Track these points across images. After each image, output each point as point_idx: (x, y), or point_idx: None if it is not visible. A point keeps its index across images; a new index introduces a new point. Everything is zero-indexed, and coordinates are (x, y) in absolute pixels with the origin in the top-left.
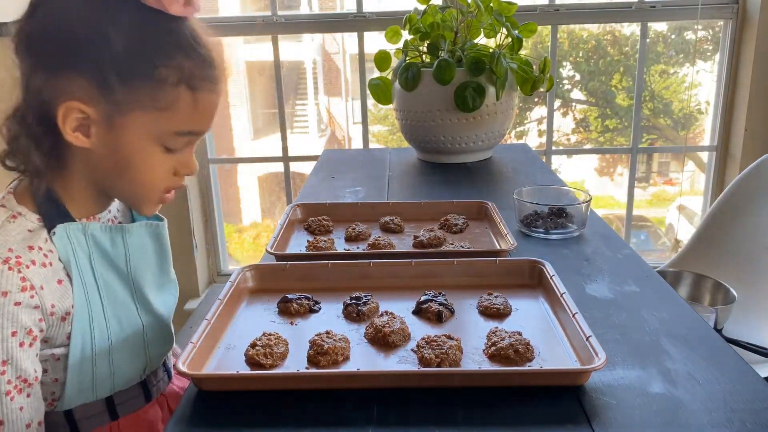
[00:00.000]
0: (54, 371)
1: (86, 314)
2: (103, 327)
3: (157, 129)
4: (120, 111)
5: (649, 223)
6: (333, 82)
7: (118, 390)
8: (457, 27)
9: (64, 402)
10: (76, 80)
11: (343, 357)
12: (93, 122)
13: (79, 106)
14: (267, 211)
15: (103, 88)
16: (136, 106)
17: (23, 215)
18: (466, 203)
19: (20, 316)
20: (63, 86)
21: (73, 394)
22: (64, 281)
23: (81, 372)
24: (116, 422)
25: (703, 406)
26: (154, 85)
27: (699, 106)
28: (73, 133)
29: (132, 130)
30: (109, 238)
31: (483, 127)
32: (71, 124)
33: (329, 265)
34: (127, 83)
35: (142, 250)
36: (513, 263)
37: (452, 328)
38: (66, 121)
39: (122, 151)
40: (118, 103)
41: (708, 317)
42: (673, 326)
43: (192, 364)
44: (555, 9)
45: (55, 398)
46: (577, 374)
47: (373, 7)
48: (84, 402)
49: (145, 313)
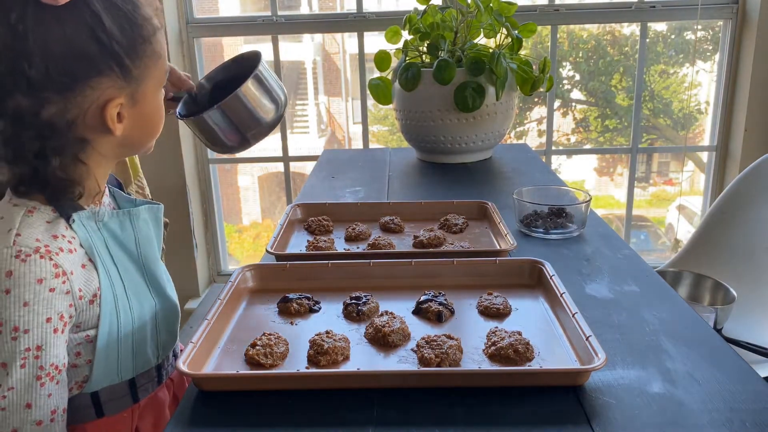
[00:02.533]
0: (86, 353)
1: (111, 296)
2: (126, 308)
3: (160, 76)
4: (139, 83)
5: (649, 223)
6: (333, 82)
7: (139, 372)
8: (457, 27)
9: (91, 384)
10: (104, 81)
11: (343, 357)
12: (124, 107)
13: (117, 102)
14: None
15: (124, 73)
16: (147, 71)
17: (38, 209)
18: (466, 203)
19: (54, 302)
20: (92, 95)
21: (100, 375)
22: (87, 266)
23: (108, 353)
24: (137, 405)
25: (703, 406)
26: (148, 43)
27: (699, 106)
28: (118, 126)
29: (149, 93)
30: (118, 222)
31: (483, 127)
32: (115, 119)
33: (329, 265)
34: (135, 57)
35: (147, 232)
36: (513, 263)
37: (452, 328)
38: (114, 119)
39: (147, 113)
40: (136, 79)
41: (708, 317)
42: (673, 326)
43: (192, 364)
44: (555, 9)
45: (85, 380)
46: (577, 374)
47: (373, 7)
48: (109, 384)
49: (156, 293)
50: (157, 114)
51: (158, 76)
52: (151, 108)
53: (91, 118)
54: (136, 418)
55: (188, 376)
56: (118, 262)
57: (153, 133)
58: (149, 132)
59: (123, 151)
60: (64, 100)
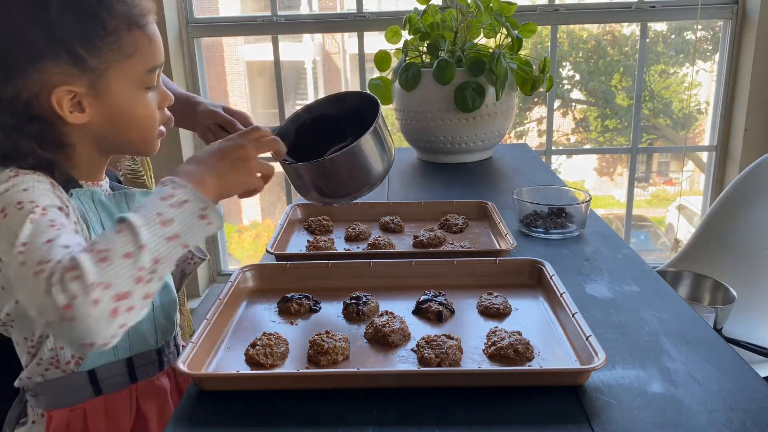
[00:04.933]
0: None
1: None
2: None
3: (134, 74)
4: (99, 75)
5: (649, 223)
6: (333, 82)
7: (137, 352)
8: (457, 27)
9: (87, 360)
10: (49, 68)
11: (343, 357)
12: (82, 96)
13: (66, 88)
14: (267, 211)
15: (75, 61)
16: (109, 64)
17: (38, 177)
18: (466, 203)
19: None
20: (41, 79)
21: (95, 352)
22: (79, 234)
23: None
24: (135, 385)
25: (703, 406)
26: (113, 38)
27: (699, 106)
28: (71, 114)
29: (117, 87)
30: (115, 203)
31: (483, 127)
32: (67, 107)
33: (329, 265)
34: (91, 48)
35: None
36: (513, 263)
37: (452, 328)
38: (62, 106)
39: (117, 109)
40: (93, 70)
41: (708, 317)
42: (673, 326)
43: (192, 364)
44: (555, 9)
45: (81, 355)
46: (577, 374)
47: (373, 7)
48: (105, 362)
49: None
50: (132, 112)
51: (129, 74)
52: (123, 104)
53: (44, 101)
54: (134, 398)
55: (188, 376)
56: None
57: (130, 130)
58: (125, 129)
59: (105, 144)
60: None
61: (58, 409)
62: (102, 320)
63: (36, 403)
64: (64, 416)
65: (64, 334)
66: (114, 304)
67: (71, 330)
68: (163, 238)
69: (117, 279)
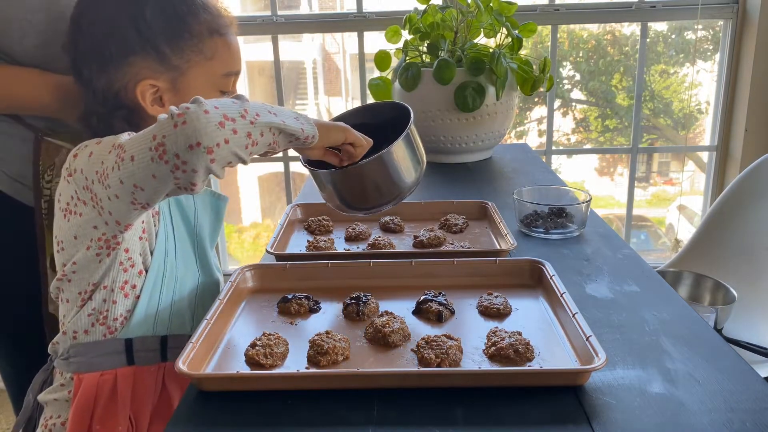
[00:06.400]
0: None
1: (164, 247)
2: (173, 263)
3: (212, 77)
4: (180, 73)
5: (649, 223)
6: (333, 82)
7: (172, 333)
8: (457, 27)
9: (128, 328)
10: (138, 62)
11: (343, 357)
12: (164, 92)
13: (150, 82)
14: (267, 211)
15: (161, 59)
16: (190, 64)
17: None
18: (466, 203)
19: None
20: (131, 72)
21: (139, 318)
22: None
23: (150, 299)
24: (164, 364)
25: (703, 406)
26: (196, 41)
27: (699, 106)
28: (152, 107)
29: (194, 86)
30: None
31: (483, 127)
32: (149, 100)
33: (329, 265)
34: (176, 48)
35: (204, 211)
36: (513, 263)
37: (452, 328)
38: (145, 98)
39: None
40: (176, 68)
41: (708, 317)
42: (673, 326)
43: (192, 364)
44: (555, 9)
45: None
46: (577, 374)
47: (373, 7)
48: (143, 334)
49: (202, 269)
50: None
51: (207, 75)
52: None
53: (131, 93)
54: (162, 376)
55: (188, 376)
56: (176, 225)
57: None
58: None
59: None
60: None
61: (90, 372)
62: (210, 124)
63: (66, 366)
64: (95, 380)
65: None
66: (221, 118)
67: (183, 132)
68: (267, 111)
69: (225, 107)
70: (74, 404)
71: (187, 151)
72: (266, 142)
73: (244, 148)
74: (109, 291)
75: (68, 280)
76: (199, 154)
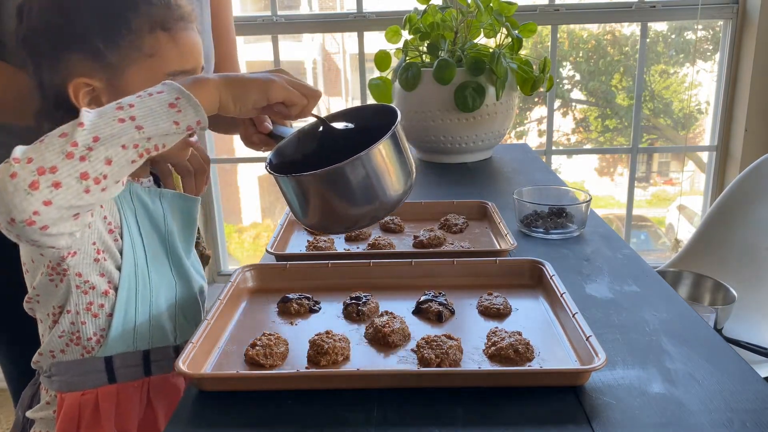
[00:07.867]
0: (108, 306)
1: (132, 261)
2: (145, 276)
3: (154, 76)
4: (117, 72)
5: (649, 223)
6: (333, 82)
7: (156, 346)
8: (457, 27)
9: (106, 346)
10: (72, 59)
11: (343, 357)
12: (100, 91)
13: (83, 81)
14: (267, 211)
15: (96, 57)
16: (128, 62)
17: None
18: (466, 203)
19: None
20: (65, 69)
21: (116, 336)
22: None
23: (126, 315)
24: (148, 379)
25: (703, 406)
26: (134, 37)
27: (699, 106)
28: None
29: (134, 86)
30: (149, 197)
31: (483, 127)
32: (84, 99)
33: (329, 265)
34: (112, 45)
35: (173, 215)
36: (513, 263)
37: (452, 328)
38: (78, 97)
39: None
40: (113, 66)
41: (708, 317)
42: (673, 326)
43: (192, 364)
44: (555, 9)
45: (103, 336)
46: (577, 374)
47: (373, 7)
48: (124, 350)
49: (178, 275)
50: None
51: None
52: None
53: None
54: (146, 392)
55: (188, 376)
56: (144, 232)
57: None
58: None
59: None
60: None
61: (71, 392)
62: (18, 192)
63: (49, 384)
64: (76, 399)
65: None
66: (33, 177)
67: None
68: (113, 119)
69: (42, 154)
70: (58, 424)
71: (9, 228)
72: (126, 161)
73: (83, 193)
74: (74, 314)
75: (36, 302)
76: (21, 229)
